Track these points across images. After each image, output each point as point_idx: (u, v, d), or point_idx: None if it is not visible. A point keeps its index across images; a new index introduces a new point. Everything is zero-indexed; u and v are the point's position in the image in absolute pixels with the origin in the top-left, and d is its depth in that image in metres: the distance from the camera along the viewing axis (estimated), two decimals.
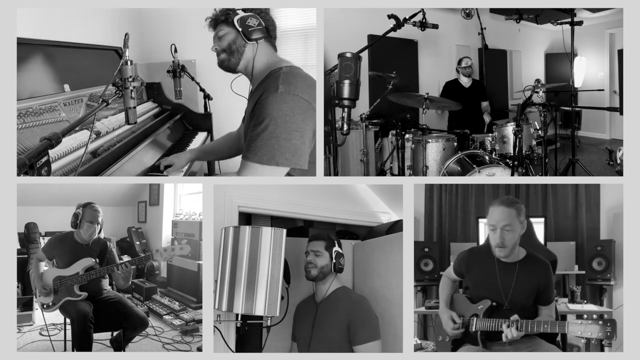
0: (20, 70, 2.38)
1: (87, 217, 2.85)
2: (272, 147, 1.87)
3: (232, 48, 2.08)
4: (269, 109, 1.87)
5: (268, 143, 1.87)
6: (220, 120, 4.17)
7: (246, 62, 2.10)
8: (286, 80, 1.93)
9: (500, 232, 1.97)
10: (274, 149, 1.87)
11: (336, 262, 2.26)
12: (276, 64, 2.06)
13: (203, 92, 4.04)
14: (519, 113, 2.93)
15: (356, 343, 2.13)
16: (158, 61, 4.23)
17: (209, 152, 2.78)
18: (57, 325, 3.20)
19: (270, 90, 1.90)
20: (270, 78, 1.99)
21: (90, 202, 2.91)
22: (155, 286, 4.58)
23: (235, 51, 2.08)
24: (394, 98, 3.65)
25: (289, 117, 1.87)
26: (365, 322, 2.16)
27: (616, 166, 3.00)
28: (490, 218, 2.00)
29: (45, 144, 1.57)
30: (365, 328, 2.15)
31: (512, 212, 1.97)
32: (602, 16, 5.47)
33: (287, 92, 1.89)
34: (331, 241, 2.29)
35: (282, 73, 1.98)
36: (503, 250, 1.99)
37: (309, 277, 2.28)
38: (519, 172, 2.97)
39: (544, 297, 2.02)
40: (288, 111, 1.87)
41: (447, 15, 4.72)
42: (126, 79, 1.89)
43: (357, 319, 2.15)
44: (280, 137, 1.87)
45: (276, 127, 1.86)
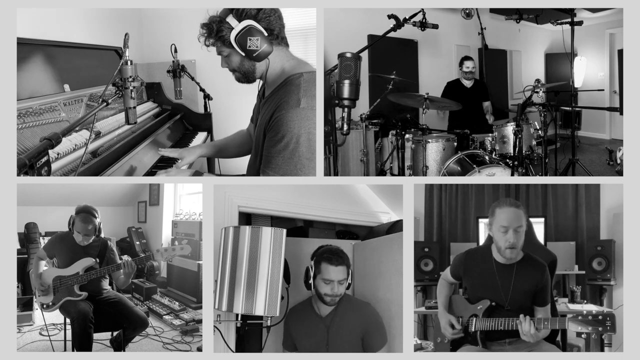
0: (20, 70, 2.38)
1: (77, 226, 2.81)
2: (295, 165, 1.85)
3: (243, 70, 1.99)
4: (291, 126, 1.81)
5: (290, 162, 1.85)
6: (220, 120, 4.18)
7: (261, 72, 2.02)
8: (308, 93, 1.86)
9: (513, 233, 1.96)
10: (296, 168, 1.85)
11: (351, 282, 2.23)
12: (294, 69, 1.96)
13: (203, 92, 4.04)
14: (519, 113, 2.94)
15: (370, 351, 2.14)
16: (158, 61, 4.23)
17: (220, 148, 2.68)
18: (57, 325, 3.20)
19: (292, 104, 1.83)
20: (290, 86, 1.90)
21: (83, 210, 2.83)
22: (155, 286, 4.58)
23: (247, 72, 2.00)
24: (394, 98, 3.65)
25: (312, 135, 1.83)
26: (377, 330, 2.18)
27: (616, 166, 3.00)
28: (501, 220, 1.98)
29: (45, 144, 1.57)
30: (378, 335, 2.17)
31: (521, 212, 1.98)
32: (602, 16, 5.47)
33: (310, 107, 1.83)
34: (349, 261, 2.21)
35: (304, 82, 1.89)
36: (514, 251, 1.99)
37: (326, 303, 2.19)
38: (519, 172, 2.97)
39: (540, 299, 2.02)
40: (311, 129, 1.83)
41: (447, 15, 4.72)
42: (126, 79, 1.89)
43: (370, 330, 2.17)
44: (303, 157, 1.84)
45: (298, 145, 1.83)
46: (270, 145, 1.89)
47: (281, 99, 1.89)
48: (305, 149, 1.84)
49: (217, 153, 2.71)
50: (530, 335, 1.89)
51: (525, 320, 1.90)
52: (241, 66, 1.98)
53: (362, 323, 2.17)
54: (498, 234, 2.00)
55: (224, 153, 2.64)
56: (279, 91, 1.95)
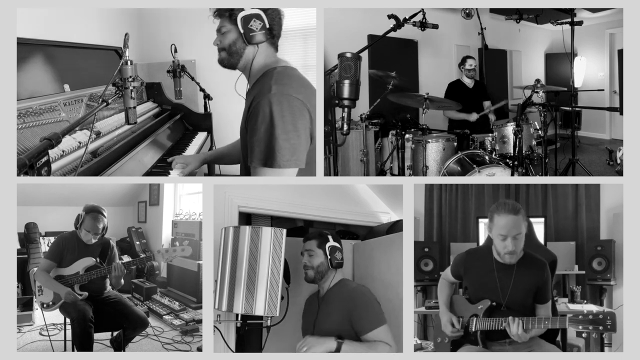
0: (20, 70, 2.38)
1: (86, 225, 2.81)
2: (272, 148, 1.87)
3: (232, 49, 2.07)
4: (264, 111, 1.87)
5: (268, 145, 1.87)
6: (220, 120, 4.18)
7: (245, 62, 2.09)
8: (279, 81, 1.93)
9: (512, 240, 1.95)
10: (273, 151, 1.87)
11: (331, 258, 2.19)
12: (272, 64, 2.06)
13: (203, 92, 4.04)
14: (519, 113, 2.94)
15: (363, 332, 2.06)
16: (158, 61, 4.23)
17: (222, 155, 2.72)
18: (57, 325, 3.20)
19: (264, 91, 1.90)
20: (265, 78, 1.99)
21: (94, 210, 2.84)
22: (155, 286, 4.58)
23: (235, 52, 2.07)
24: (394, 98, 3.65)
25: (284, 117, 1.87)
26: (367, 309, 2.10)
27: (616, 166, 3.00)
28: (499, 228, 1.97)
29: (45, 144, 1.57)
30: (369, 315, 2.08)
31: (520, 219, 1.96)
32: (602, 16, 5.47)
33: (281, 92, 1.88)
34: (323, 238, 2.23)
35: (276, 73, 1.98)
36: (513, 256, 1.99)
37: (307, 279, 2.24)
38: (519, 172, 2.97)
39: (541, 296, 2.02)
40: (282, 112, 1.87)
41: (447, 15, 4.72)
42: (126, 79, 1.89)
43: (358, 308, 2.09)
44: (279, 138, 1.86)
45: (273, 128, 1.86)
46: (250, 135, 1.94)
47: (256, 91, 1.96)
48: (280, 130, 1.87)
49: (219, 160, 2.75)
50: (518, 336, 1.89)
51: (514, 321, 1.90)
52: (233, 44, 2.06)
53: (349, 302, 2.11)
54: (497, 239, 2.00)
55: (226, 159, 2.67)
56: (257, 84, 2.03)
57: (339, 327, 2.10)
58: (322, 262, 2.21)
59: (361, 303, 2.11)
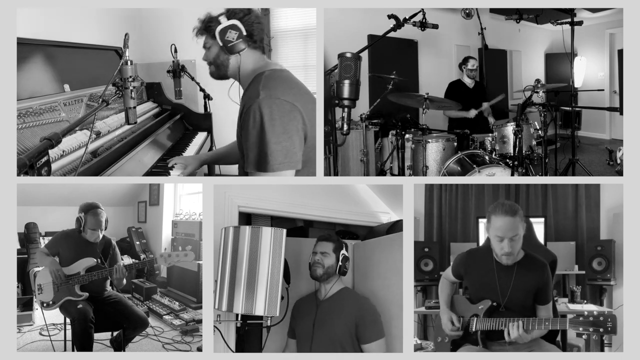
0: (20, 70, 2.38)
1: (90, 224, 2.81)
2: (265, 153, 1.90)
3: (218, 62, 2.14)
4: (254, 117, 1.90)
5: (261, 150, 1.90)
6: (220, 120, 4.17)
7: (233, 71, 2.14)
8: (266, 85, 1.96)
9: (508, 242, 1.95)
10: (266, 155, 1.90)
11: (342, 265, 2.30)
12: (261, 68, 2.09)
13: (203, 92, 4.04)
14: (519, 113, 2.94)
15: (365, 342, 2.18)
16: (158, 61, 4.23)
17: (222, 156, 2.76)
18: (57, 325, 3.20)
19: (253, 97, 1.93)
20: (254, 83, 2.03)
21: (92, 207, 2.84)
22: (155, 286, 4.58)
23: (220, 65, 2.14)
24: (394, 98, 3.65)
25: (273, 121, 1.89)
26: (373, 321, 2.21)
27: (616, 166, 3.00)
28: (496, 229, 1.96)
29: (45, 144, 1.57)
30: (374, 327, 2.20)
31: (517, 220, 1.94)
32: (602, 16, 5.47)
33: (268, 96, 1.91)
34: (340, 244, 2.33)
35: (264, 77, 2.01)
36: (510, 257, 1.99)
37: (314, 275, 2.30)
38: (519, 172, 2.97)
39: (541, 296, 2.02)
40: (272, 115, 1.89)
41: (447, 15, 4.71)
42: (126, 79, 1.89)
43: (365, 318, 2.20)
44: (270, 142, 1.89)
45: (264, 133, 1.89)
46: (244, 141, 1.97)
47: (247, 97, 2.00)
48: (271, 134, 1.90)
49: (219, 160, 2.78)
50: (519, 337, 1.90)
51: (514, 326, 1.90)
52: (217, 58, 2.14)
53: (358, 312, 2.21)
54: (494, 240, 2.00)
55: (226, 160, 2.70)
56: (247, 90, 2.07)
57: (341, 334, 2.20)
58: (332, 265, 2.30)
59: (369, 314, 2.23)
